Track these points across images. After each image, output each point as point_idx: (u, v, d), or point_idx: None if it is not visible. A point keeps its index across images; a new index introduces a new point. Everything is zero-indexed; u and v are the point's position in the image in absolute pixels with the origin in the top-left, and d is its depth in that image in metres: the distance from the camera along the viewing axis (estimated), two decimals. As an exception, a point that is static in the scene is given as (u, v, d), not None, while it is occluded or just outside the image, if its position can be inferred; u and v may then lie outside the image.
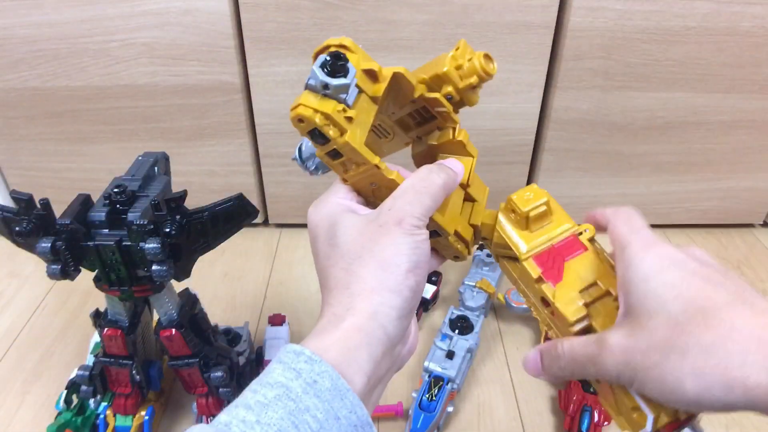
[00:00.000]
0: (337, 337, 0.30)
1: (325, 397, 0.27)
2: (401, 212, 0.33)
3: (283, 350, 0.29)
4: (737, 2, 0.77)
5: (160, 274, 0.49)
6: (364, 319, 0.30)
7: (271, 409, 0.26)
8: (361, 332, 0.30)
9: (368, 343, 0.30)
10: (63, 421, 0.61)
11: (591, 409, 0.64)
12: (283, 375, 0.28)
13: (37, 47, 0.80)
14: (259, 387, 0.28)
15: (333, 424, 0.27)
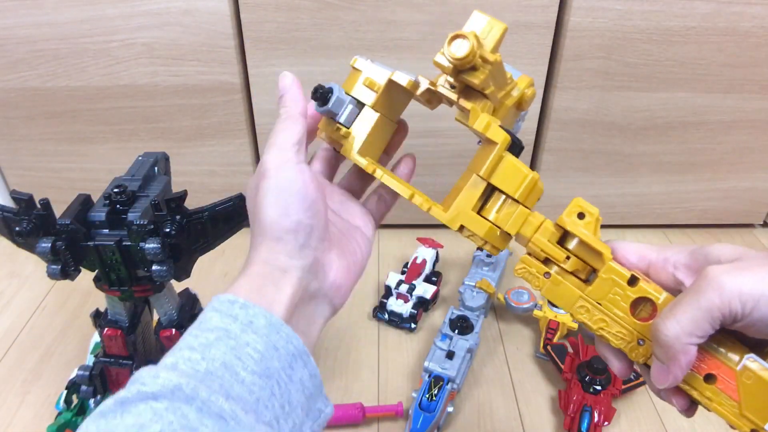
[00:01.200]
0: (243, 282, 0.33)
1: (263, 333, 0.30)
2: (264, 163, 0.36)
3: (216, 300, 0.31)
4: (737, 2, 0.77)
5: (160, 274, 0.49)
6: (260, 266, 0.33)
7: (214, 348, 0.29)
8: (260, 275, 0.33)
9: (272, 282, 0.33)
10: (63, 421, 0.61)
11: (591, 409, 0.64)
12: (221, 321, 0.30)
13: (37, 47, 0.80)
14: (199, 332, 0.30)
15: (273, 353, 0.30)
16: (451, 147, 0.88)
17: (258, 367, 0.29)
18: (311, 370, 0.32)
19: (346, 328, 0.80)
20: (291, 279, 0.33)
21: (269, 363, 0.29)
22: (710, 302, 0.28)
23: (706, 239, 1.00)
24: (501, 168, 0.35)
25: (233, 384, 0.28)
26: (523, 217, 0.36)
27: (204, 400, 0.26)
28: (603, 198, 0.96)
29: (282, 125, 0.38)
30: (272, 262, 0.33)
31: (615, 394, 0.67)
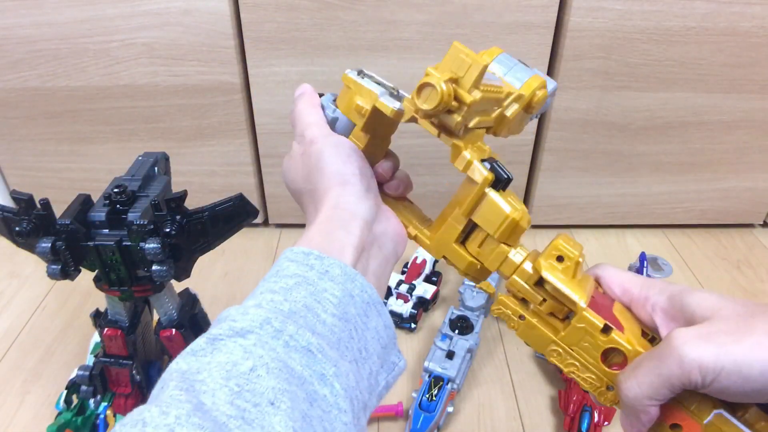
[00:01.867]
0: (314, 230, 0.35)
1: (339, 281, 0.31)
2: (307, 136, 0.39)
3: (290, 252, 0.33)
4: (737, 2, 0.77)
5: (160, 274, 0.49)
6: (329, 210, 0.35)
7: (294, 291, 0.30)
8: (330, 220, 0.35)
9: (341, 225, 0.34)
10: (63, 421, 0.61)
11: (591, 409, 0.64)
12: (298, 269, 0.31)
13: (37, 47, 0.80)
14: (277, 279, 0.31)
15: (348, 300, 0.31)
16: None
17: (337, 311, 0.30)
18: (385, 320, 0.33)
19: (346, 328, 0.80)
20: (359, 221, 0.35)
21: (346, 308, 0.31)
22: (670, 371, 0.28)
23: (705, 239, 1.00)
24: (482, 206, 0.35)
25: (316, 324, 0.29)
26: (503, 255, 0.36)
27: (291, 334, 0.27)
28: (603, 198, 0.96)
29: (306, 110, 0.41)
30: (342, 205, 0.35)
31: (615, 394, 0.67)
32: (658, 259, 0.86)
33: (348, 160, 0.37)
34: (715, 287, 0.89)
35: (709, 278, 0.91)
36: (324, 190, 0.36)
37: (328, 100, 0.41)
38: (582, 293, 0.33)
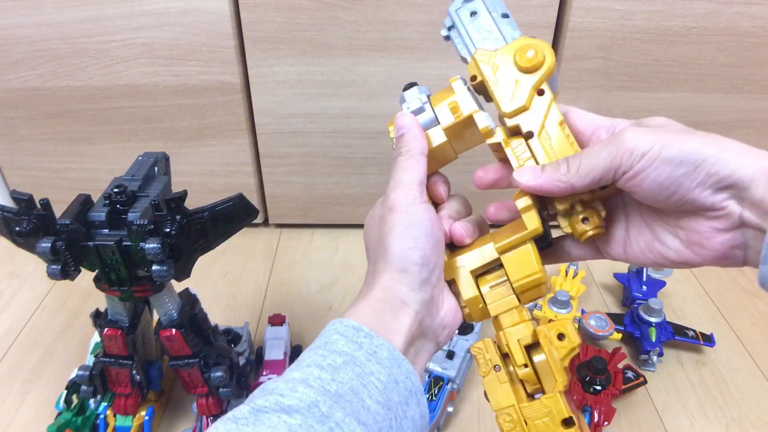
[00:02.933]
0: (364, 306, 0.34)
1: (386, 364, 0.31)
2: (392, 199, 0.36)
3: (339, 324, 0.33)
4: (737, 2, 0.77)
5: (160, 274, 0.49)
6: (381, 292, 0.35)
7: (342, 371, 0.30)
8: (381, 301, 0.34)
9: (391, 310, 0.34)
10: (63, 421, 0.61)
11: (591, 409, 0.64)
12: (347, 346, 0.31)
13: (37, 47, 0.80)
14: (325, 353, 0.31)
15: (393, 387, 0.31)
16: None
17: (381, 397, 0.30)
18: (422, 409, 0.33)
19: (346, 328, 0.80)
20: (409, 312, 0.34)
21: (390, 395, 0.31)
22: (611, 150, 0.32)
23: (706, 239, 1.00)
24: (517, 252, 0.35)
25: (360, 410, 0.29)
26: (510, 306, 0.36)
27: (338, 422, 0.27)
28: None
29: (405, 164, 0.37)
30: (394, 291, 0.34)
31: (615, 394, 0.67)
32: (658, 259, 0.86)
33: (416, 244, 0.35)
34: (715, 287, 0.89)
35: (709, 278, 0.91)
36: (382, 269, 0.35)
37: (423, 91, 0.39)
38: (564, 380, 0.34)
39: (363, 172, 0.93)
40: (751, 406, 0.69)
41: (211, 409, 0.63)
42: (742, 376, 0.74)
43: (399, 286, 0.35)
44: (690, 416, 0.68)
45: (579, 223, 0.35)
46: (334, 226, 1.01)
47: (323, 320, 0.81)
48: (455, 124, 0.37)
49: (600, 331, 0.72)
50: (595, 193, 0.34)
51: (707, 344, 0.75)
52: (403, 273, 0.35)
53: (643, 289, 0.81)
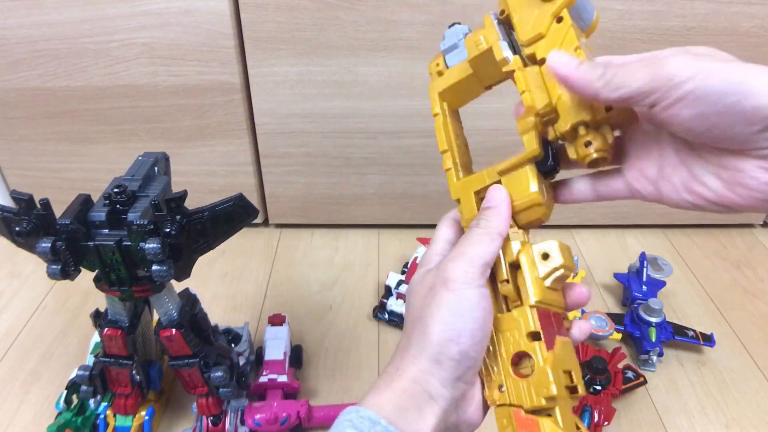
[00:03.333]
0: (388, 396, 0.32)
1: None
2: (448, 273, 0.33)
3: (356, 415, 0.30)
4: (737, 2, 0.77)
5: (160, 274, 0.49)
6: (408, 383, 0.32)
7: None
8: (407, 393, 0.31)
9: (416, 405, 0.31)
10: (63, 421, 0.61)
11: (591, 409, 0.64)
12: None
13: (37, 47, 0.80)
14: None
15: None
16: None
17: None
18: None
19: (346, 328, 0.80)
20: (436, 409, 0.32)
21: None
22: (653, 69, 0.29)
23: (705, 239, 1.00)
24: (515, 174, 0.35)
25: None
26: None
27: None
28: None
29: (478, 238, 0.34)
30: (423, 384, 0.32)
31: (615, 394, 0.67)
32: (658, 259, 0.86)
33: (458, 338, 0.31)
34: (715, 287, 0.89)
35: (709, 278, 0.91)
36: (415, 353, 0.32)
37: (463, 30, 0.39)
38: (540, 295, 0.33)
39: (363, 172, 0.93)
40: (751, 406, 0.69)
41: (211, 409, 0.63)
42: (742, 376, 0.74)
43: (430, 379, 0.32)
44: (690, 416, 0.68)
45: (582, 147, 0.33)
46: (334, 226, 1.01)
47: (323, 320, 0.81)
48: (478, 56, 0.37)
49: (600, 331, 0.72)
50: (599, 115, 0.33)
51: (707, 344, 0.75)
52: (437, 365, 0.32)
53: (643, 289, 0.81)
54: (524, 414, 0.32)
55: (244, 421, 0.63)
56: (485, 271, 0.33)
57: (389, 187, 0.94)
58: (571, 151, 0.34)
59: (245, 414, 0.63)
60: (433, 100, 0.40)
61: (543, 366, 0.32)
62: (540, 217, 0.35)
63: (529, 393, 0.32)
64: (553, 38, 0.34)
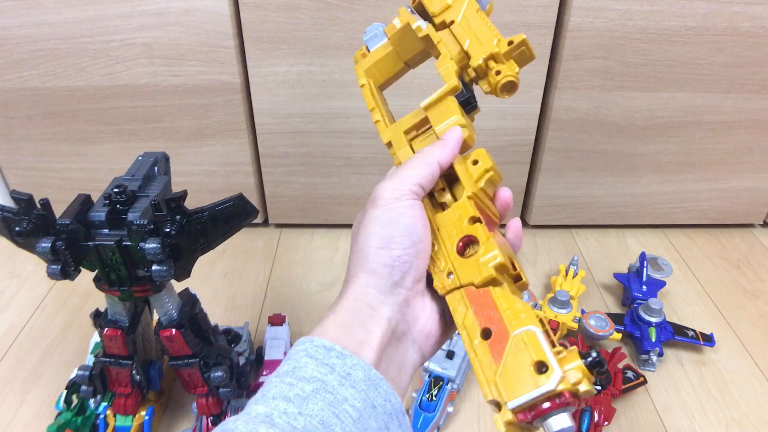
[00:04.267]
0: (332, 319, 0.32)
1: (361, 387, 0.28)
2: (376, 192, 0.35)
3: (310, 344, 0.30)
4: (737, 2, 0.77)
5: (160, 274, 0.49)
6: (351, 301, 0.32)
7: (311, 402, 0.27)
8: (349, 312, 0.32)
9: (360, 321, 0.31)
10: (63, 421, 0.61)
11: (591, 409, 0.64)
12: (317, 370, 0.29)
13: (37, 47, 0.80)
14: (294, 380, 0.28)
15: (370, 412, 0.28)
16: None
17: (356, 428, 0.27)
18: (405, 430, 0.30)
19: (346, 328, 0.80)
20: (379, 319, 0.32)
21: (367, 423, 0.28)
22: None
23: (706, 239, 1.00)
24: (438, 106, 0.38)
25: None
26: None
27: None
28: (603, 198, 0.96)
29: (414, 162, 0.36)
30: (363, 298, 0.32)
31: (615, 394, 0.67)
32: (658, 259, 0.86)
33: (388, 244, 0.32)
34: (715, 287, 0.89)
35: (709, 278, 0.91)
36: (354, 271, 0.33)
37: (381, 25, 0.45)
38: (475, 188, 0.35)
39: (363, 172, 0.93)
40: (751, 406, 0.69)
41: (211, 409, 0.63)
42: (742, 376, 0.74)
43: (369, 291, 0.32)
44: (690, 416, 0.68)
45: (494, 77, 0.37)
46: (334, 226, 1.01)
47: (323, 320, 0.81)
48: (397, 32, 0.43)
49: (600, 331, 0.72)
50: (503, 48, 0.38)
51: (707, 344, 0.75)
52: (373, 275, 0.32)
53: (643, 289, 0.81)
54: (475, 289, 0.32)
55: (244, 421, 0.63)
56: (417, 191, 0.35)
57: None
58: (484, 84, 0.38)
59: (245, 414, 0.63)
60: (359, 75, 0.44)
61: (487, 239, 0.33)
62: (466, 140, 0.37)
63: (477, 268, 0.32)
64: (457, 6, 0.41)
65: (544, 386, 0.26)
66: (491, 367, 0.29)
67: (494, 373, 0.28)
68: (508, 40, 0.38)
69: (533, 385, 0.27)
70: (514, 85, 0.37)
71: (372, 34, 0.45)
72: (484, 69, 0.38)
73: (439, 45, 0.39)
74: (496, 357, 0.29)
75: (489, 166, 0.36)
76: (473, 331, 0.31)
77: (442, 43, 0.39)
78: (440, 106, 0.38)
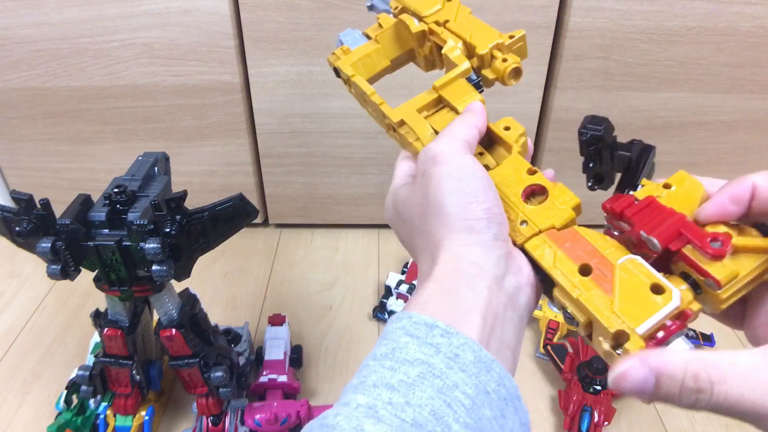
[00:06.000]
0: (432, 289, 0.28)
1: (471, 371, 0.25)
2: (432, 151, 0.32)
3: (408, 321, 0.27)
4: (737, 2, 0.77)
5: (160, 274, 0.49)
6: (450, 263, 0.29)
7: (418, 389, 0.24)
8: (451, 276, 0.29)
9: (466, 283, 0.28)
10: (63, 421, 0.61)
11: (591, 409, 0.64)
12: (420, 351, 0.25)
13: (37, 47, 0.80)
14: (395, 364, 0.25)
15: (484, 399, 0.25)
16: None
17: (470, 418, 0.24)
18: (522, 417, 0.28)
19: (346, 328, 0.80)
20: (487, 279, 0.28)
21: (481, 411, 0.25)
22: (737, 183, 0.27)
23: (706, 239, 1.00)
24: (453, 85, 0.39)
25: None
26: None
27: None
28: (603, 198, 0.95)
29: (457, 123, 0.35)
30: (465, 257, 0.29)
31: (615, 394, 0.67)
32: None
33: (475, 197, 0.30)
34: (715, 287, 0.89)
35: (709, 278, 0.91)
36: (442, 237, 0.30)
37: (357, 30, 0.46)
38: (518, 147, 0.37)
39: (363, 172, 0.93)
40: (751, 406, 0.69)
41: (211, 409, 0.63)
42: (742, 376, 0.74)
43: (471, 249, 0.29)
44: (690, 416, 0.68)
45: (501, 63, 0.38)
46: (334, 226, 1.01)
47: (323, 320, 0.81)
48: (387, 30, 0.44)
49: (600, 331, 0.72)
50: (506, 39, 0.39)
51: (707, 344, 0.75)
52: (471, 232, 0.29)
53: (643, 289, 0.81)
54: (557, 231, 0.32)
55: (244, 421, 0.63)
56: (468, 148, 0.33)
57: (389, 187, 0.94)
58: (489, 72, 0.39)
59: (245, 414, 0.63)
60: (344, 69, 0.45)
61: (557, 184, 0.34)
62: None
63: (555, 211, 0.33)
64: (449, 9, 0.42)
65: (669, 305, 0.26)
66: (605, 298, 0.27)
67: (610, 303, 0.27)
68: (509, 34, 0.39)
69: (657, 306, 0.26)
70: (521, 72, 0.39)
71: (351, 36, 0.45)
72: (489, 57, 0.39)
73: (443, 34, 0.40)
74: (606, 288, 0.28)
75: (522, 130, 0.37)
76: (569, 269, 0.30)
77: (446, 33, 0.40)
78: (454, 86, 0.39)
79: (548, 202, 0.33)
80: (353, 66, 0.45)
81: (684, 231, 0.28)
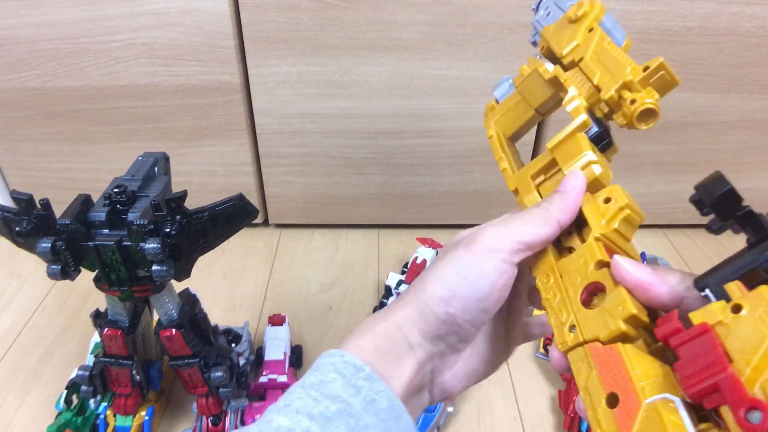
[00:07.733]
0: (371, 338, 0.31)
1: (383, 417, 0.28)
2: (479, 234, 0.31)
3: (339, 359, 0.29)
4: (737, 2, 0.77)
5: (160, 274, 0.49)
6: (392, 327, 0.31)
7: (334, 425, 0.27)
8: (388, 337, 0.31)
9: (395, 352, 0.30)
10: (63, 421, 0.61)
11: (591, 409, 0.64)
12: (343, 390, 0.28)
13: (37, 47, 0.80)
14: (320, 396, 0.28)
15: None
16: (450, 147, 0.88)
17: None
18: None
19: (346, 328, 0.80)
20: (413, 359, 0.31)
21: None
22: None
23: (705, 239, 1.00)
24: (566, 145, 0.35)
25: None
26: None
27: None
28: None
29: (531, 217, 0.31)
30: (404, 331, 0.31)
31: (615, 394, 0.67)
32: (658, 259, 0.86)
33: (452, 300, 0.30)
34: (715, 287, 0.89)
35: (709, 278, 0.91)
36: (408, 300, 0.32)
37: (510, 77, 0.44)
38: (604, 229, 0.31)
39: (363, 172, 0.93)
40: (751, 406, 0.69)
41: (211, 409, 0.63)
42: (742, 376, 0.74)
43: (412, 329, 0.31)
44: (690, 416, 0.68)
45: (628, 106, 0.33)
46: (334, 226, 1.01)
47: (323, 320, 0.81)
48: (525, 79, 0.41)
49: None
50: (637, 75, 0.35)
51: None
52: (422, 318, 0.31)
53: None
54: (601, 345, 0.27)
55: (244, 421, 0.63)
56: (520, 251, 0.31)
57: (389, 187, 0.94)
58: (619, 117, 0.34)
59: (245, 414, 0.63)
60: (487, 126, 0.43)
61: (617, 287, 0.28)
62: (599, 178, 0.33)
63: (604, 321, 0.27)
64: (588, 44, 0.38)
65: None
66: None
67: None
68: (643, 66, 0.34)
69: None
70: (653, 113, 0.33)
71: (501, 87, 0.43)
72: (616, 100, 0.34)
73: (566, 83, 0.36)
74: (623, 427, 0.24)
75: (624, 203, 0.32)
76: (597, 396, 0.26)
77: (569, 81, 0.36)
78: (568, 145, 0.35)
79: (602, 309, 0.28)
80: (498, 123, 0.42)
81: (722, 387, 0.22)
